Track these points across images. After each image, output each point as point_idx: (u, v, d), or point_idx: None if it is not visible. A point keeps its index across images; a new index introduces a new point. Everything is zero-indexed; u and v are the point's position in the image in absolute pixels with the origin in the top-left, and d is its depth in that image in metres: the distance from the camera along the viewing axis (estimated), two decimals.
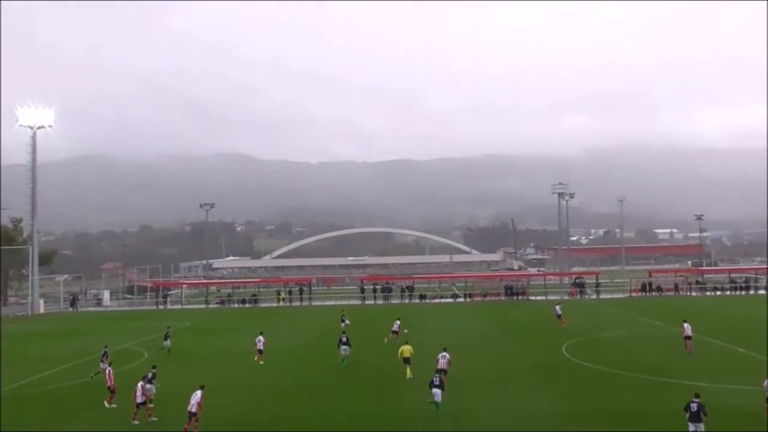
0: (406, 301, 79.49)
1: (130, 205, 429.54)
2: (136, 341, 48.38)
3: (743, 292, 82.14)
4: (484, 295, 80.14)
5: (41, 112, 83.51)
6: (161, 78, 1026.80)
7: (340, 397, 28.08)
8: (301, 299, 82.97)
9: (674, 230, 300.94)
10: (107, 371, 28.08)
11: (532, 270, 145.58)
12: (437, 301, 79.52)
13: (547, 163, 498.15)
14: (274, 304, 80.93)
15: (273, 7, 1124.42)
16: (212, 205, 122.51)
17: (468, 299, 79.38)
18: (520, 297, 79.63)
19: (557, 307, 50.68)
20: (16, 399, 29.92)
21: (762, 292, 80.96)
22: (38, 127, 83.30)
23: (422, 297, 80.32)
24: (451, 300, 79.59)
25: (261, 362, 36.29)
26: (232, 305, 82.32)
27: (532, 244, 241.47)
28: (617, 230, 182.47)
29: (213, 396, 25.98)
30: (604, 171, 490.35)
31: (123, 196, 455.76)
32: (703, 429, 19.84)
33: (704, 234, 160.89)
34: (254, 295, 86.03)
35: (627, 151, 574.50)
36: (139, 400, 24.49)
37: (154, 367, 28.22)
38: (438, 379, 25.14)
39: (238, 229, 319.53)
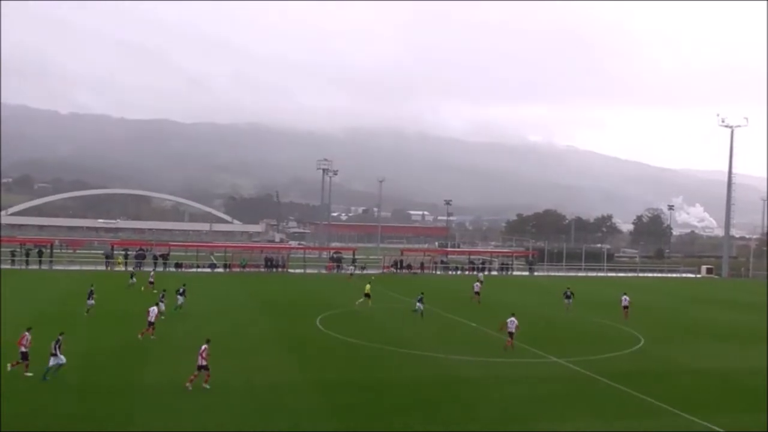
0: (161, 269, 75.84)
1: None
2: None
3: (480, 273, 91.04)
4: (243, 266, 79.49)
5: None
6: None
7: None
8: (40, 262, 75.13)
9: (426, 212, 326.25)
10: None
11: (294, 243, 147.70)
12: (193, 270, 77.10)
13: (310, 138, 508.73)
14: (8, 266, 72.42)
15: None
16: None
17: (226, 270, 78.14)
18: (279, 269, 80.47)
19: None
20: None
21: (494, 272, 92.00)
22: None
23: (178, 266, 77.31)
24: (208, 270, 77.77)
25: None
26: None
27: (292, 218, 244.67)
28: (375, 209, 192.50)
29: None
30: (364, 151, 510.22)
31: None
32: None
33: (451, 218, 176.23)
34: None
35: (384, 134, 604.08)
36: None
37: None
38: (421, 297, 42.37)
39: None
